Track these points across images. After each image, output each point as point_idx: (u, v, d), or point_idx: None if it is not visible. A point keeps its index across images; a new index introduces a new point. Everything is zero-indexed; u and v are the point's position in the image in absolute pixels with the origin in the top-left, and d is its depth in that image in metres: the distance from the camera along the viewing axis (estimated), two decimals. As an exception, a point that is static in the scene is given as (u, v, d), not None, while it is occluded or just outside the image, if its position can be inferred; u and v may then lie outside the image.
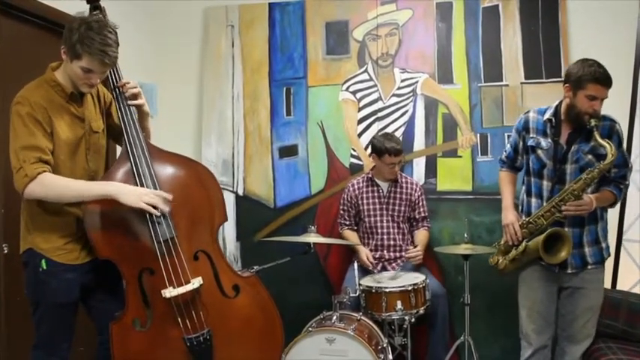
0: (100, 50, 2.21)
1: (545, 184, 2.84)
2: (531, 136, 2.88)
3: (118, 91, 2.49)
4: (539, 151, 2.83)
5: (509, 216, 2.94)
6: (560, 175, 2.78)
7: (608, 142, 2.65)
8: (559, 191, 2.77)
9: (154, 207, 2.30)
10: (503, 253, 2.99)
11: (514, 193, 3.07)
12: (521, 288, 2.97)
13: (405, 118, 3.86)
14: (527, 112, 2.96)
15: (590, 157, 2.74)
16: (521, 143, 2.96)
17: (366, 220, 3.63)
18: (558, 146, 2.79)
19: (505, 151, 3.10)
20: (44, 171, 2.21)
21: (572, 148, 2.76)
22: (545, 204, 2.81)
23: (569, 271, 2.82)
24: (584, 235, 2.81)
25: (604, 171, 2.68)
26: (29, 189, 2.20)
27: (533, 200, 2.89)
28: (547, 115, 2.84)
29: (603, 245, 2.85)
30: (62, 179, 2.27)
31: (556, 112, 2.83)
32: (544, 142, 2.82)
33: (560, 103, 2.83)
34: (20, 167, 2.20)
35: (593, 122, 2.65)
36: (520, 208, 3.01)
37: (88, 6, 2.53)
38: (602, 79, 2.64)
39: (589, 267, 2.82)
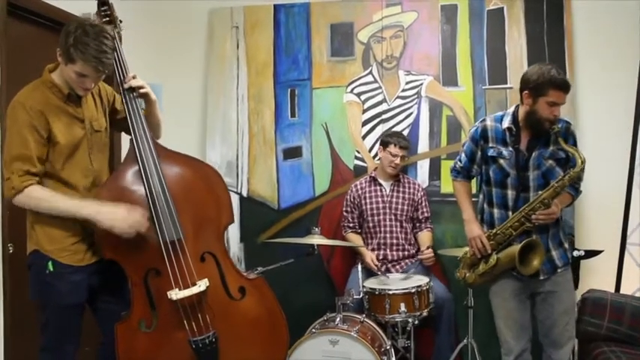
0: (94, 57, 2.18)
1: (510, 194, 2.77)
2: (491, 145, 2.80)
3: (123, 87, 2.47)
4: (502, 161, 2.76)
5: (474, 229, 2.85)
6: (524, 183, 2.74)
7: (575, 150, 2.63)
8: (524, 199, 2.73)
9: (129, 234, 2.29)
10: (469, 267, 2.92)
11: (471, 203, 2.97)
12: (494, 300, 2.91)
13: (410, 120, 3.87)
14: (483, 120, 2.89)
15: (550, 161, 2.71)
16: (479, 153, 2.87)
17: (369, 219, 3.64)
18: (520, 154, 2.74)
19: (460, 161, 2.98)
20: (31, 184, 2.22)
21: (533, 154, 2.72)
22: (510, 213, 2.76)
23: (542, 277, 2.77)
24: (549, 239, 2.77)
25: (574, 178, 2.65)
26: (17, 200, 2.24)
27: (496, 211, 2.82)
28: (506, 124, 2.77)
29: (566, 246, 2.83)
30: (50, 195, 2.25)
31: (514, 119, 2.77)
32: (505, 152, 2.76)
33: (517, 109, 2.79)
34: (9, 178, 2.22)
35: (555, 128, 2.63)
36: (480, 217, 2.93)
37: (96, 3, 2.52)
38: (563, 85, 2.61)
39: (559, 270, 2.79)
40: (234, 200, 3.99)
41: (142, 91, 2.50)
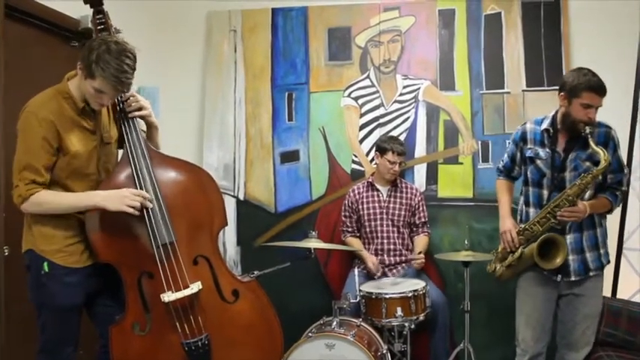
0: (115, 76, 2.21)
1: (546, 194, 2.84)
2: (529, 147, 2.90)
3: (122, 106, 2.49)
4: (538, 162, 2.85)
5: (506, 223, 2.95)
6: (560, 183, 2.79)
7: (601, 149, 2.66)
8: None
9: (138, 207, 2.32)
10: (501, 261, 2.99)
11: (511, 201, 3.08)
12: (519, 294, 2.97)
13: (407, 124, 3.87)
14: (525, 123, 2.98)
15: (588, 163, 2.75)
16: (518, 154, 2.98)
17: (367, 224, 3.63)
18: (556, 154, 2.81)
19: (502, 161, 3.12)
20: (37, 191, 2.25)
21: (570, 156, 2.77)
22: None
23: (573, 278, 2.81)
24: (583, 240, 2.81)
25: (597, 177, 2.69)
26: (24, 207, 2.28)
27: (532, 210, 2.90)
28: (544, 125, 2.85)
29: (602, 251, 2.85)
30: (54, 196, 2.29)
31: (553, 121, 2.84)
32: (542, 153, 2.84)
33: (557, 112, 2.85)
34: (17, 186, 2.26)
35: (587, 129, 2.66)
36: (519, 218, 3.01)
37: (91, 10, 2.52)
38: (597, 87, 2.66)
39: (590, 273, 2.81)
40: (231, 204, 3.99)
41: (139, 113, 2.52)
